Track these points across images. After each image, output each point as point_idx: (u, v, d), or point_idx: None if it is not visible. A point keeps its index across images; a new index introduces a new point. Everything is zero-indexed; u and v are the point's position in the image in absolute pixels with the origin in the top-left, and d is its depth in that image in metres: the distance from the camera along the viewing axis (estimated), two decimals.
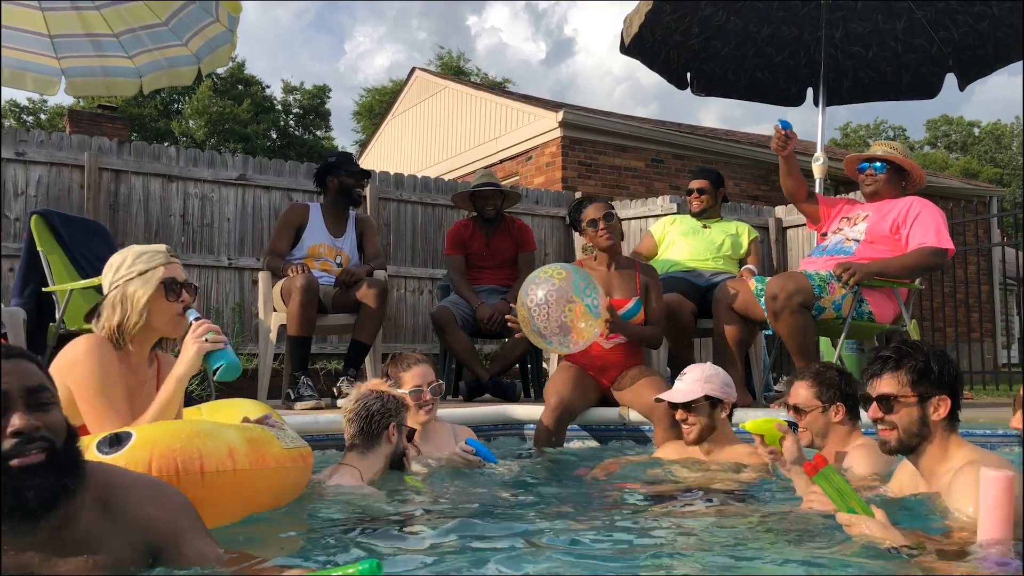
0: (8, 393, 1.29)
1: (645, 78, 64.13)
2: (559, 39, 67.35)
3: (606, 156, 11.28)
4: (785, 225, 8.17)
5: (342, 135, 44.37)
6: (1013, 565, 1.56)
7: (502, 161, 12.05)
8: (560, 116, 10.94)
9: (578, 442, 3.77)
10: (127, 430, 1.86)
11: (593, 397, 3.77)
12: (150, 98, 27.71)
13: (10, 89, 4.84)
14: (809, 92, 6.17)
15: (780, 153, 4.08)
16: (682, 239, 4.88)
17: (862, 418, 2.68)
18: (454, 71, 29.82)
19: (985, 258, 10.99)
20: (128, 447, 1.78)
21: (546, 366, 5.53)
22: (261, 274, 4.71)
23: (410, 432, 2.77)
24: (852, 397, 2.70)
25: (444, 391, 3.23)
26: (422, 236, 7.67)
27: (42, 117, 29.52)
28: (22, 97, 31.19)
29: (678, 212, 7.15)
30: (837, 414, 2.69)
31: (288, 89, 31.97)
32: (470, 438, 3.03)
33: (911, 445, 2.02)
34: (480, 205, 5.17)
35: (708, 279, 4.65)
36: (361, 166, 4.93)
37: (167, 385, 2.16)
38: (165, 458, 1.78)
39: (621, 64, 67.74)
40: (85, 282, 4.16)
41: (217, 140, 27.77)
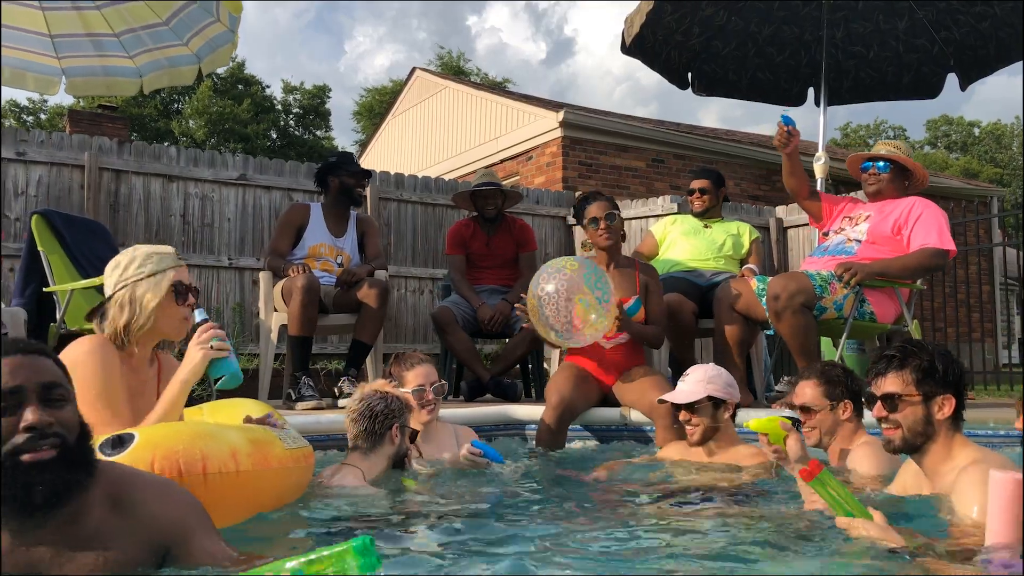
0: (23, 388, 1.30)
1: (645, 78, 64.22)
2: (559, 39, 67.45)
3: (607, 156, 11.27)
4: (786, 225, 8.17)
5: (342, 135, 44.42)
6: (1016, 566, 1.56)
7: (503, 161, 12.04)
8: (561, 116, 10.93)
9: (579, 442, 3.76)
10: (130, 432, 1.86)
11: (594, 397, 3.76)
12: (150, 98, 27.69)
13: (10, 89, 4.83)
14: (810, 92, 6.17)
15: (783, 150, 4.07)
16: (683, 239, 4.88)
17: (865, 417, 2.68)
18: (454, 71, 29.81)
19: (986, 258, 10.98)
20: (131, 449, 1.78)
21: (547, 367, 5.52)
22: (262, 274, 4.71)
23: (412, 433, 2.77)
24: (857, 395, 2.70)
25: (446, 391, 3.22)
26: (422, 236, 7.66)
27: (42, 117, 29.50)
28: (22, 97, 31.24)
29: (679, 212, 7.15)
30: (845, 412, 2.69)
31: (288, 89, 31.98)
32: (476, 440, 3.02)
33: (915, 444, 2.02)
34: (481, 205, 5.16)
35: (709, 279, 4.64)
36: (362, 166, 4.93)
37: (171, 389, 2.16)
38: (168, 459, 1.78)
39: (621, 64, 67.82)
40: (86, 282, 4.15)
41: (217, 140, 27.75)
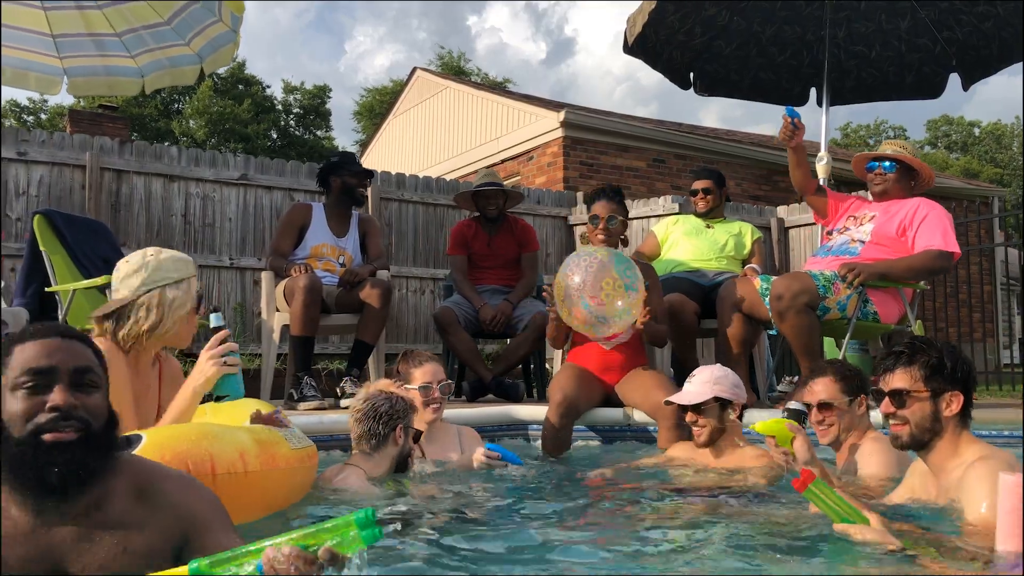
0: (56, 369, 1.32)
1: (645, 78, 64.15)
2: (559, 39, 67.44)
3: (608, 156, 11.27)
4: (787, 225, 8.17)
5: (342, 135, 44.46)
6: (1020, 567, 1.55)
7: (503, 161, 12.03)
8: (562, 116, 10.93)
9: (582, 442, 3.75)
10: (137, 433, 1.85)
11: (597, 397, 3.76)
12: (150, 98, 27.69)
13: (11, 88, 4.83)
14: (812, 92, 6.17)
15: (788, 144, 4.03)
16: (685, 239, 4.87)
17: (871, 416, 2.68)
18: (454, 71, 29.81)
19: (987, 258, 10.98)
20: (138, 450, 1.77)
21: (549, 367, 5.52)
22: (264, 274, 4.70)
23: (416, 434, 2.77)
24: (867, 390, 2.70)
25: (453, 390, 3.22)
26: (423, 236, 7.66)
27: (42, 117, 29.49)
28: (22, 97, 31.21)
29: (680, 212, 7.15)
30: (861, 407, 2.68)
31: (288, 89, 31.98)
32: (491, 444, 3.01)
33: (923, 440, 2.01)
34: (483, 205, 5.15)
35: (712, 279, 4.64)
36: (363, 166, 4.93)
37: (182, 397, 2.14)
38: (177, 460, 1.77)
39: (621, 64, 67.77)
40: (88, 282, 4.15)
41: (218, 140, 27.75)
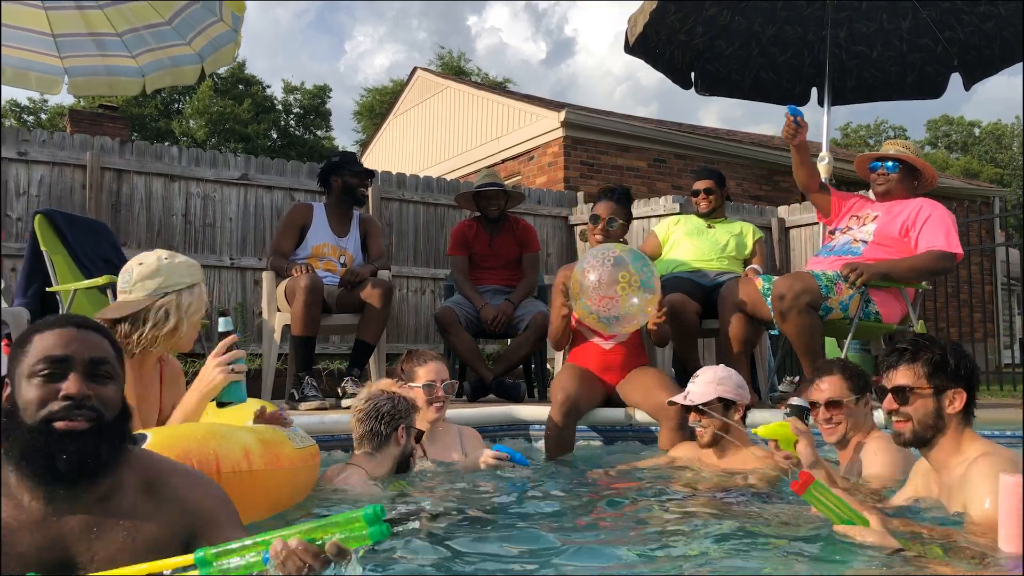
0: (71, 359, 1.33)
1: (645, 78, 64.17)
2: (559, 39, 67.43)
3: (608, 156, 11.26)
4: (788, 225, 8.16)
5: (343, 135, 44.47)
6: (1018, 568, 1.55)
7: (504, 161, 12.03)
8: (562, 116, 10.93)
9: (584, 442, 3.75)
10: (142, 432, 1.85)
11: (598, 397, 3.76)
12: (150, 98, 27.68)
13: (12, 88, 4.83)
14: (813, 92, 6.17)
15: (791, 142, 4.02)
16: (687, 239, 4.86)
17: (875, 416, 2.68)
18: (455, 71, 29.80)
19: (988, 258, 10.98)
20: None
21: (550, 367, 5.52)
22: (265, 274, 4.70)
23: (418, 433, 2.76)
24: (871, 389, 2.69)
25: (456, 390, 3.22)
26: (424, 236, 7.66)
27: (43, 117, 29.48)
28: (23, 97, 31.21)
29: (681, 212, 7.14)
30: (866, 405, 2.68)
31: (288, 89, 31.98)
32: (499, 445, 3.00)
33: (925, 437, 2.01)
34: (484, 205, 5.15)
35: (713, 279, 4.63)
36: (364, 166, 4.92)
37: (188, 402, 2.14)
38: (181, 459, 1.76)
39: (621, 64, 67.71)
40: (89, 282, 4.15)
41: (218, 140, 27.74)
